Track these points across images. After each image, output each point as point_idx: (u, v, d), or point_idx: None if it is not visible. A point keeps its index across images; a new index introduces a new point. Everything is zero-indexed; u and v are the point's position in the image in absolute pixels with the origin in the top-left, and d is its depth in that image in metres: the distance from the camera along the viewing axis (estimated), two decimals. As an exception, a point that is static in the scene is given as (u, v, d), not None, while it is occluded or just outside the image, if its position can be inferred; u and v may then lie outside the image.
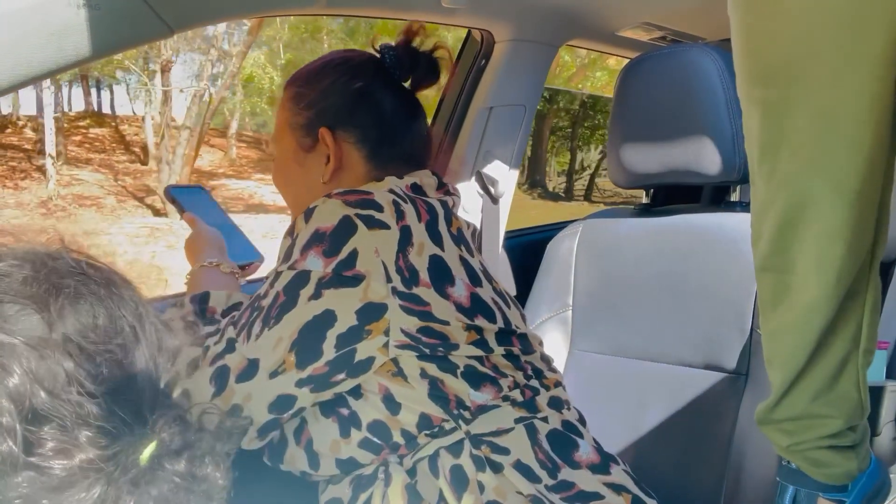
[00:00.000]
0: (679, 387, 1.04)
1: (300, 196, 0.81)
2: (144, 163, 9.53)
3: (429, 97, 0.87)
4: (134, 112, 10.96)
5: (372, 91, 0.79)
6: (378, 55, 0.81)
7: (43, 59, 0.64)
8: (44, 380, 0.34)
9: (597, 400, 1.09)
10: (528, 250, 1.32)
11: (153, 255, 6.69)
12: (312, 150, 0.80)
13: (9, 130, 9.07)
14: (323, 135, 0.78)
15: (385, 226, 0.68)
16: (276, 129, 0.84)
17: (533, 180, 9.69)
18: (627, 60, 1.15)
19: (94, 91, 10.98)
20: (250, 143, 11.39)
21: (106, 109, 11.18)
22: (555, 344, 1.17)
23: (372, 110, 0.79)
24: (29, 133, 9.15)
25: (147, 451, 0.37)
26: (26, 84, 0.64)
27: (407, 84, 0.83)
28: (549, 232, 1.29)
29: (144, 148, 9.78)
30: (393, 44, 0.81)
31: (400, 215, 0.70)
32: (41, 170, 8.30)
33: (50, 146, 8.05)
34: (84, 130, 9.87)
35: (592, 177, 10.44)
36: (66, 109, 9.53)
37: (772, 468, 0.91)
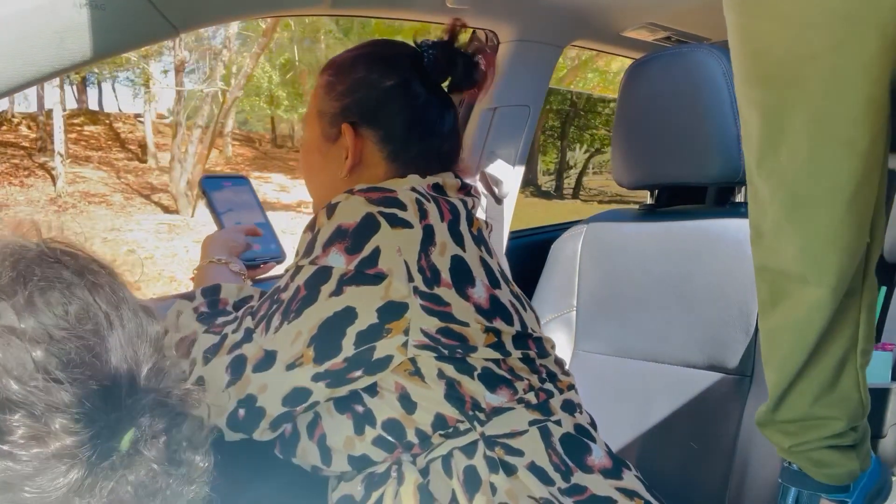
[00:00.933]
0: (683, 388, 1.04)
1: (321, 186, 0.81)
2: (143, 160, 9.52)
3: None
4: (120, 109, 10.95)
5: (402, 91, 0.77)
6: (418, 51, 0.79)
7: (48, 59, 0.63)
8: (11, 368, 0.34)
9: (601, 401, 1.09)
10: (531, 251, 1.31)
11: (186, 249, 6.73)
12: (335, 142, 0.79)
13: (4, 128, 9.05)
14: (344, 131, 0.77)
15: (408, 224, 0.68)
16: (306, 114, 0.83)
17: (525, 179, 9.73)
18: (620, 61, 1.14)
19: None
20: (243, 141, 11.40)
21: (93, 106, 11.17)
22: (559, 345, 1.16)
23: (399, 111, 0.77)
24: (24, 130, 9.12)
25: (126, 438, 0.37)
26: (32, 84, 0.64)
27: (445, 85, 0.81)
28: (553, 233, 1.29)
29: (143, 145, 9.76)
30: (433, 41, 0.79)
31: (423, 214, 0.69)
32: (44, 167, 8.29)
33: (59, 144, 8.06)
34: (79, 128, 9.85)
35: (580, 176, 10.50)
36: (52, 107, 9.49)
37: (776, 469, 0.90)
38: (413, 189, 0.71)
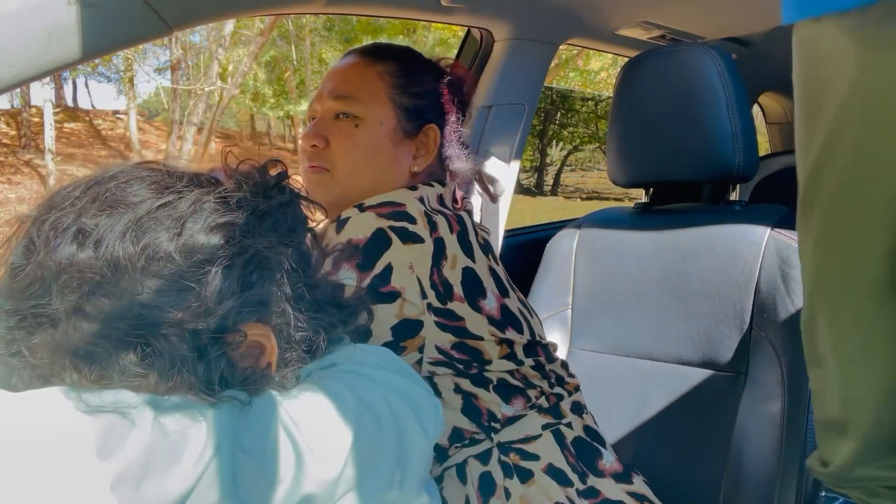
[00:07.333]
0: (678, 385, 1.04)
1: (381, 172, 0.77)
2: (127, 158, 9.40)
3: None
4: (93, 105, 10.86)
5: (452, 106, 0.83)
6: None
7: (42, 57, 0.62)
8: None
9: (597, 399, 1.09)
10: (527, 249, 1.31)
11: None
12: (411, 137, 0.79)
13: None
14: (432, 131, 0.79)
15: (419, 239, 0.67)
16: (361, 97, 0.77)
17: (505, 177, 9.79)
18: (600, 60, 1.14)
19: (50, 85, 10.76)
20: (223, 137, 11.34)
21: (68, 103, 11.03)
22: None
23: (451, 121, 0.83)
24: (3, 127, 8.98)
25: None
26: (25, 83, 0.63)
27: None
28: (548, 231, 1.29)
29: (126, 143, 9.65)
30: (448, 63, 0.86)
31: (433, 227, 0.69)
32: (29, 164, 8.19)
33: (49, 141, 7.98)
34: (58, 125, 9.72)
35: (558, 173, 10.58)
36: (33, 103, 9.38)
37: (771, 466, 0.91)
38: (421, 200, 0.71)
